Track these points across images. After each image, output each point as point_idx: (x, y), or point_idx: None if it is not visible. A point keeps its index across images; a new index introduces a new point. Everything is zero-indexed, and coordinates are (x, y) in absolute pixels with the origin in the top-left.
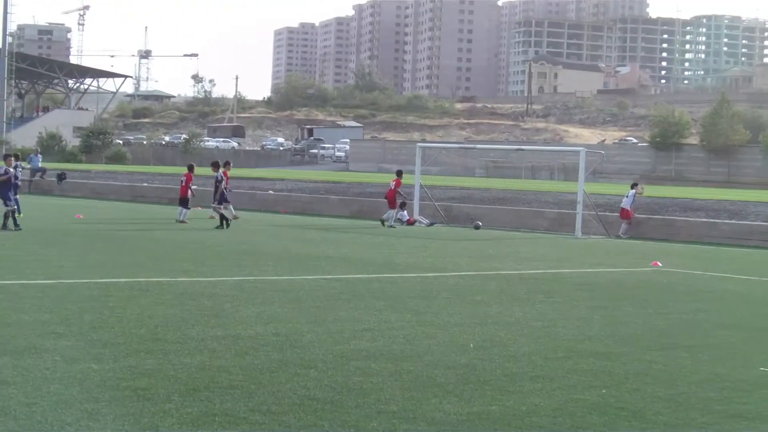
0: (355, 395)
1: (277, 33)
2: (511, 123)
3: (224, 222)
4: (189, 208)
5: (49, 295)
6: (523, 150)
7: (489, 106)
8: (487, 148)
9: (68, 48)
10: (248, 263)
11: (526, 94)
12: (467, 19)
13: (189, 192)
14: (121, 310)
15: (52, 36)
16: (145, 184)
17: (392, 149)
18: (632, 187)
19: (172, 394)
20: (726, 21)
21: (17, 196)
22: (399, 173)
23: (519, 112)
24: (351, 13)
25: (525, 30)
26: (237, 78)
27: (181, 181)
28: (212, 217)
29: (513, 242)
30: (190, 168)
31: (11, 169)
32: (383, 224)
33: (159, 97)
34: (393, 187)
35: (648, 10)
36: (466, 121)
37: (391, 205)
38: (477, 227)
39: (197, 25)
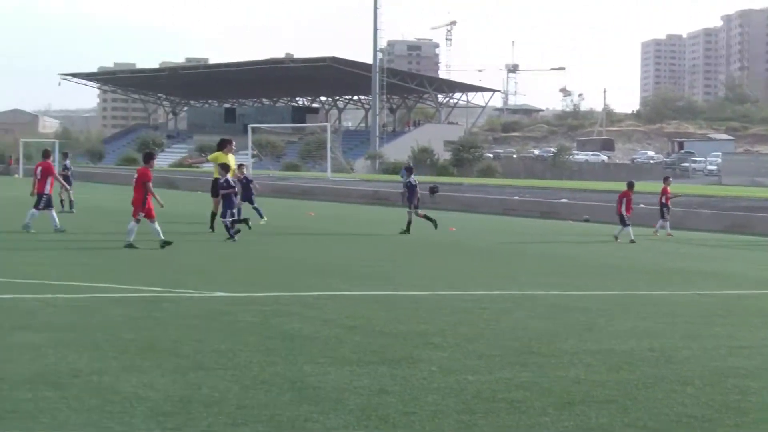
0: (733, 414)
1: (645, 45)
2: None
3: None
4: (628, 225)
5: (422, 306)
6: None
7: None
8: None
9: (436, 63)
10: (620, 278)
11: None
12: None
13: (624, 209)
14: (495, 323)
15: (421, 51)
16: (516, 198)
17: (766, 163)
18: None
19: (547, 407)
20: None
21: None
22: None
23: None
24: (719, 23)
25: None
26: (605, 91)
27: (623, 199)
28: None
29: None
30: (630, 185)
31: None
32: None
33: (527, 111)
34: None
35: None
36: None
37: None
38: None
39: (563, 39)
